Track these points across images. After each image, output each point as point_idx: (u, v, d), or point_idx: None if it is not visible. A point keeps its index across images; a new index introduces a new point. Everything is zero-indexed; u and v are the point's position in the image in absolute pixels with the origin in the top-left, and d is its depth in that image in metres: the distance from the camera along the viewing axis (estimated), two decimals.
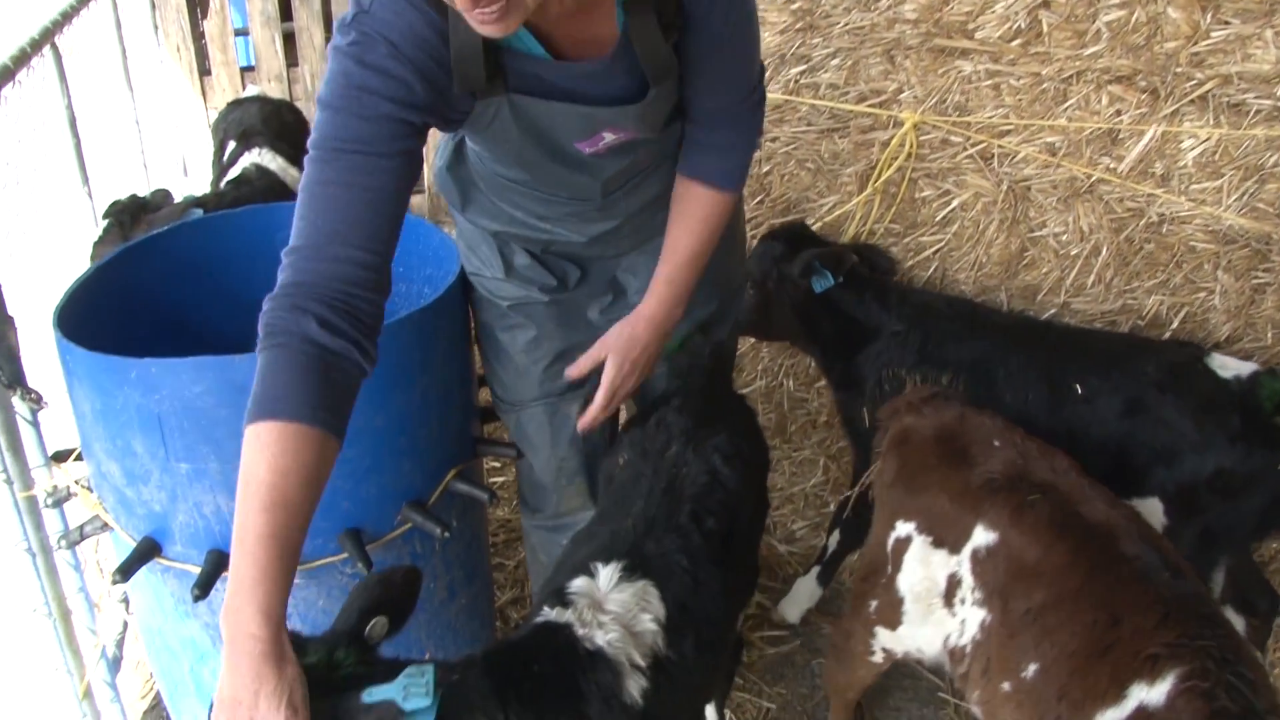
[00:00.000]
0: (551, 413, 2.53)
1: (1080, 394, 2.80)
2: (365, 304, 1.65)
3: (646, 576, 1.97)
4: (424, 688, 1.44)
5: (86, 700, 2.65)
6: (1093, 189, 3.06)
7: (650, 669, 1.86)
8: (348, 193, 1.65)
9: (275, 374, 1.56)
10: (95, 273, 2.43)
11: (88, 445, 2.27)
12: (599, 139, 2.00)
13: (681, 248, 2.17)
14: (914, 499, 2.41)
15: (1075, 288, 3.21)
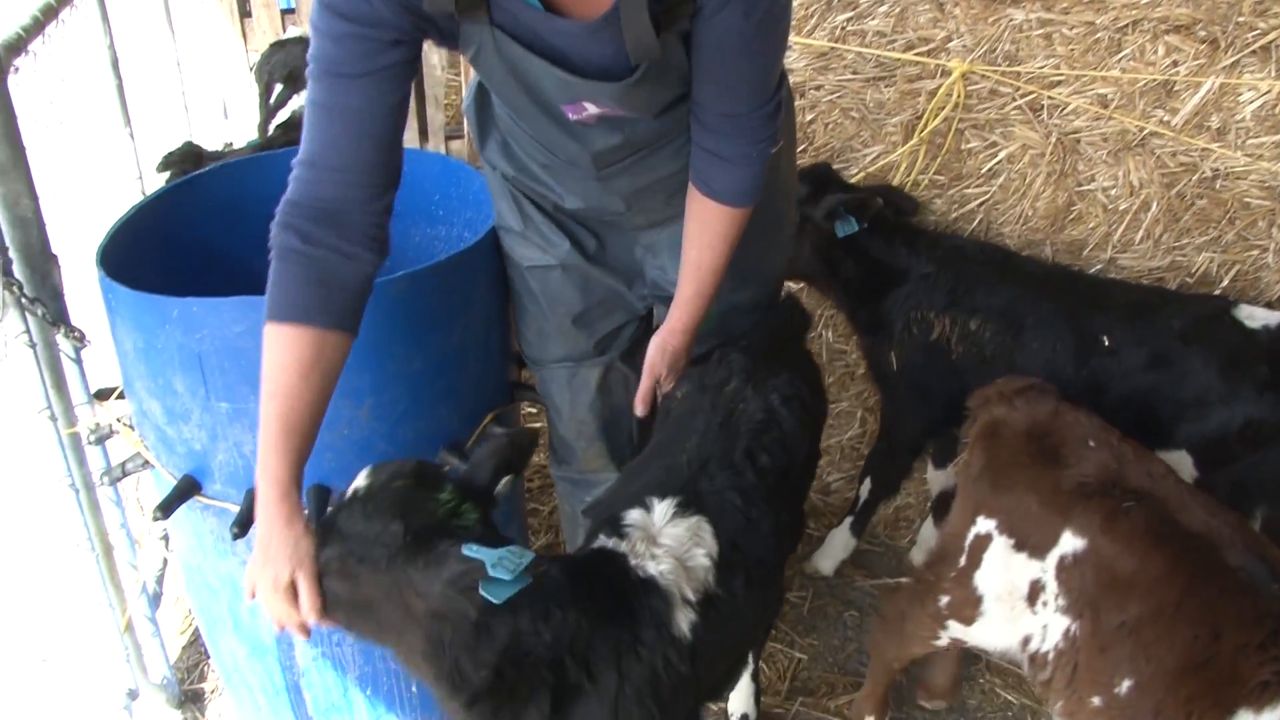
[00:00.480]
0: (570, 375, 2.53)
1: (1107, 345, 2.77)
2: (352, 212, 1.80)
3: (701, 513, 2.00)
4: (515, 567, 1.56)
5: (128, 634, 2.70)
6: (1144, 142, 2.99)
7: (700, 604, 1.90)
8: (326, 115, 1.77)
9: (273, 283, 1.78)
10: (138, 212, 2.44)
11: (129, 383, 2.29)
12: (581, 107, 1.95)
13: (705, 265, 2.16)
14: (999, 496, 2.30)
15: (1123, 243, 3.15)
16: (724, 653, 2.03)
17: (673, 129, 2.10)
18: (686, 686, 1.91)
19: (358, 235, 1.81)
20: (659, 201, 2.25)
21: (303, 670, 2.57)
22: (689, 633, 1.87)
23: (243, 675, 2.68)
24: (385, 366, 2.11)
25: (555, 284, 2.38)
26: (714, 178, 2.06)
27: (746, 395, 2.22)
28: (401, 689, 2.63)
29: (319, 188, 1.79)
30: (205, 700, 3.00)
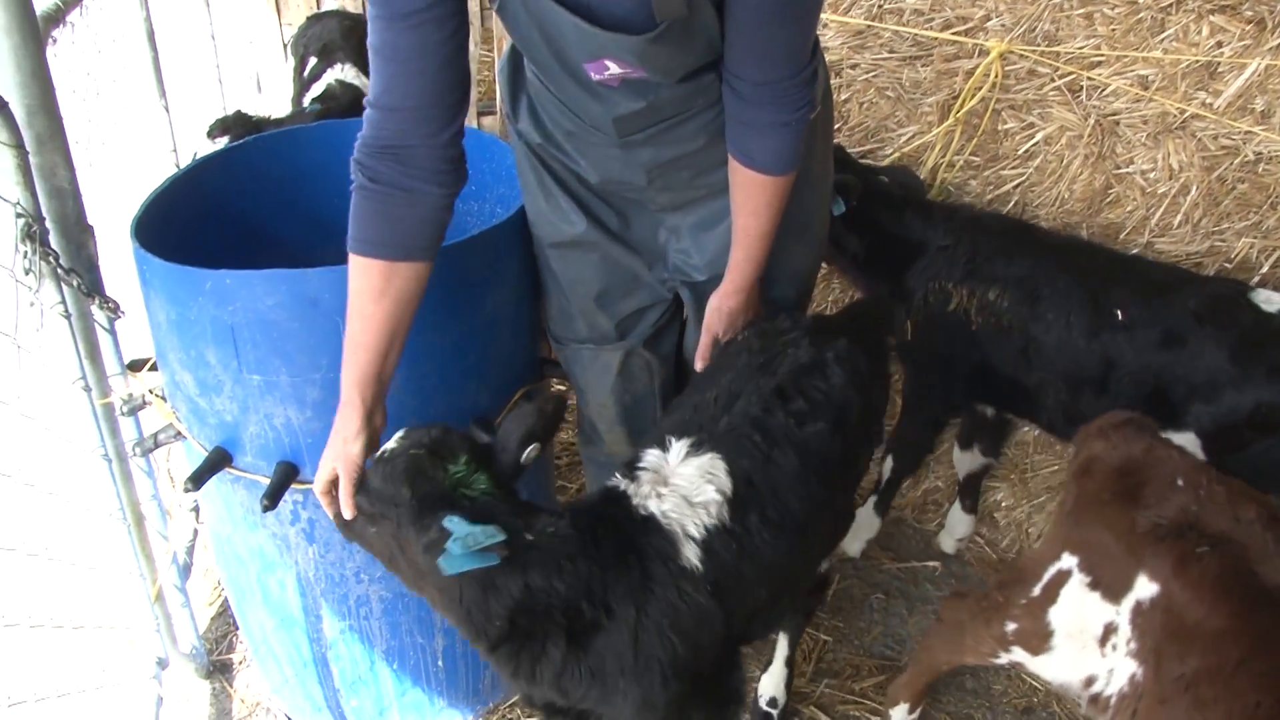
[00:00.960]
0: (592, 357, 2.52)
1: (1121, 320, 2.73)
2: (415, 149, 1.89)
3: (715, 450, 2.02)
4: (474, 544, 1.68)
5: (158, 604, 2.72)
6: (1185, 125, 2.94)
7: (709, 539, 1.94)
8: (382, 57, 1.85)
9: (351, 217, 1.92)
10: (172, 184, 2.45)
11: (163, 355, 2.30)
12: (603, 65, 1.93)
13: (752, 230, 2.16)
14: (1081, 533, 2.22)
15: (1161, 227, 3.11)
16: (748, 588, 2.03)
17: (698, 101, 2.08)
18: (710, 618, 1.96)
19: (422, 170, 1.90)
20: (683, 179, 2.23)
21: (330, 643, 2.59)
22: (699, 564, 1.93)
23: (270, 647, 2.70)
24: (416, 341, 2.11)
25: (575, 261, 2.37)
26: (752, 148, 2.04)
27: (800, 344, 2.21)
28: (427, 663, 2.65)
29: (382, 128, 1.88)
30: (233, 671, 3.02)
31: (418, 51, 1.83)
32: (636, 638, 1.90)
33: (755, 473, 2.03)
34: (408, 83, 1.85)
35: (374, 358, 1.92)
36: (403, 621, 2.55)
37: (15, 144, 2.02)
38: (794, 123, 1.99)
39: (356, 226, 1.91)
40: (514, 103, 2.29)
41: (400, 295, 1.92)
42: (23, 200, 2.06)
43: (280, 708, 2.90)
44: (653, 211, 2.31)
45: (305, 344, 2.07)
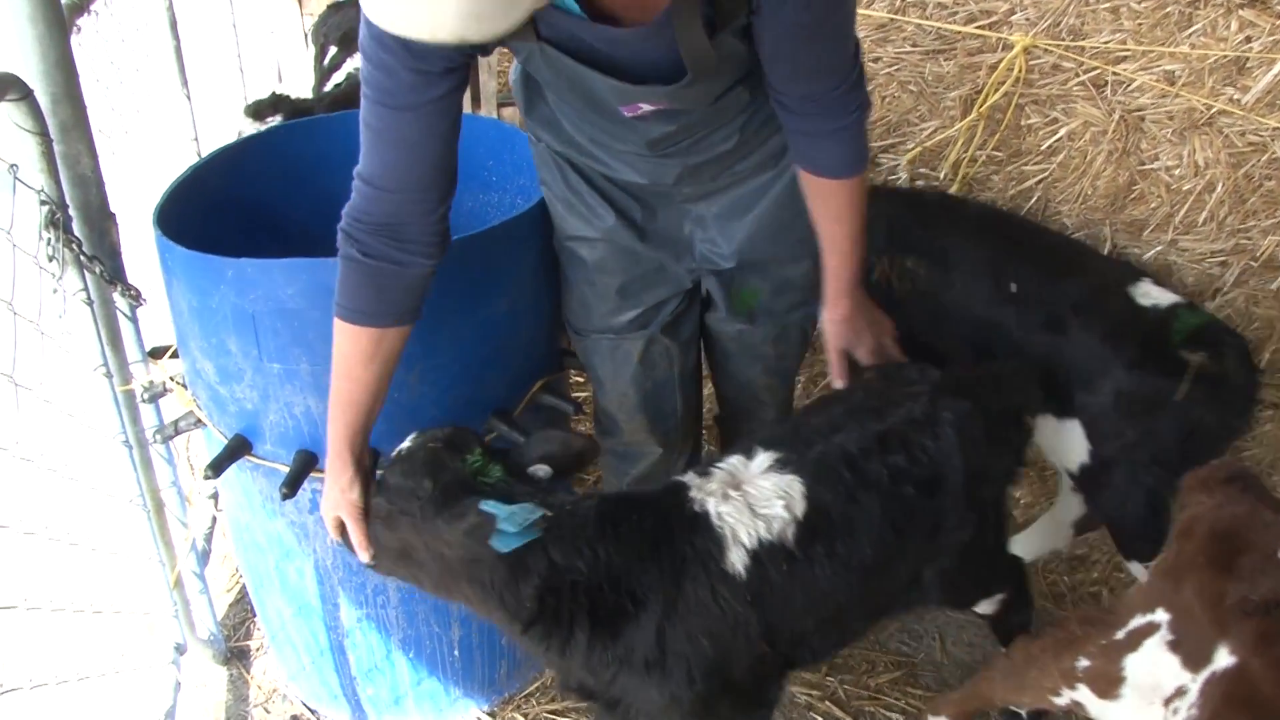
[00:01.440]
0: (613, 347, 2.51)
1: (1014, 292, 2.75)
2: (408, 227, 1.89)
3: (798, 473, 2.01)
4: (522, 522, 1.76)
5: (177, 590, 2.73)
6: (1212, 121, 2.92)
7: (761, 552, 1.93)
8: (379, 139, 1.84)
9: (338, 285, 1.92)
10: (195, 173, 2.46)
11: (184, 342, 2.31)
12: (636, 107, 1.95)
13: (838, 236, 2.17)
14: (1175, 593, 2.11)
15: (1185, 224, 3.08)
16: (796, 613, 2.02)
17: (729, 112, 2.09)
18: (746, 627, 1.95)
19: (414, 245, 1.90)
20: (709, 174, 2.23)
21: (347, 630, 2.60)
22: (743, 572, 1.92)
23: (288, 634, 2.72)
24: (435, 332, 2.11)
25: (599, 256, 2.36)
26: (817, 157, 2.06)
27: (919, 398, 2.17)
28: (443, 652, 2.66)
29: (375, 204, 1.88)
30: (250, 657, 3.04)
31: (423, 139, 1.83)
32: (663, 632, 1.91)
33: (834, 507, 2.01)
34: (409, 169, 1.85)
35: (362, 414, 1.98)
36: (419, 610, 2.55)
37: (40, 132, 2.03)
38: (850, 125, 2.00)
39: (346, 297, 1.92)
40: (530, 109, 2.28)
41: (388, 356, 1.97)
42: (47, 188, 2.07)
43: (296, 694, 2.91)
44: (678, 202, 2.30)
45: (325, 333, 2.07)
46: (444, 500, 1.83)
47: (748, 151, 2.18)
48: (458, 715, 2.83)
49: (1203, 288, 3.07)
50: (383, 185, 1.86)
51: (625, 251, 2.34)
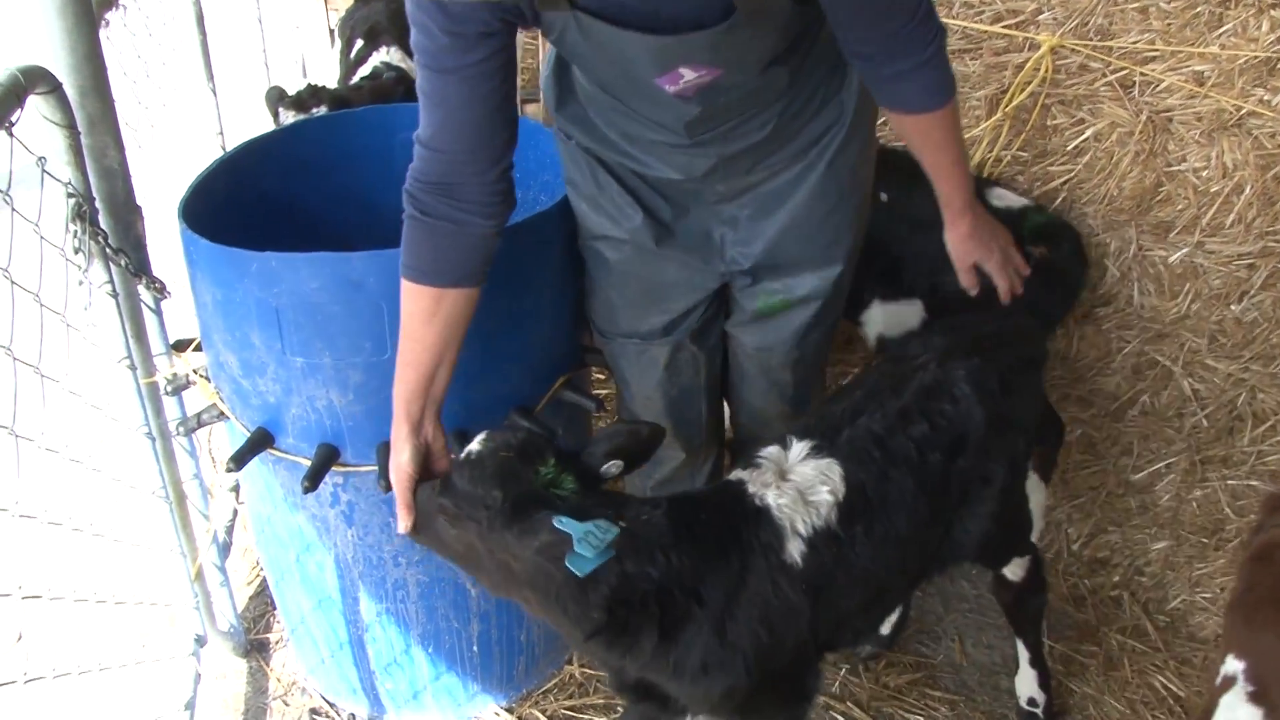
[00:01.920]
0: (639, 352, 2.50)
1: (885, 201, 2.87)
2: (465, 185, 1.93)
3: (833, 456, 2.04)
4: (600, 543, 1.69)
5: (197, 582, 2.75)
6: (1241, 123, 2.88)
7: (814, 538, 1.97)
8: (430, 102, 1.89)
9: (402, 244, 1.98)
10: (220, 166, 2.47)
11: (207, 335, 2.32)
12: (678, 76, 1.90)
13: (944, 162, 2.18)
14: (1251, 634, 1.91)
15: (1212, 226, 3.05)
16: (839, 594, 2.04)
17: (767, 96, 2.07)
18: (799, 616, 1.98)
19: (471, 204, 1.94)
20: (743, 167, 2.21)
21: (366, 625, 2.61)
22: (800, 561, 1.95)
23: (308, 627, 2.73)
24: None
25: (624, 258, 2.35)
26: (904, 96, 2.03)
27: (928, 367, 2.22)
28: (463, 648, 2.66)
29: (432, 165, 1.93)
30: (270, 650, 3.05)
31: (465, 102, 1.87)
32: (724, 627, 1.92)
33: (870, 485, 2.05)
34: (456, 129, 1.90)
35: (422, 375, 1.99)
36: (439, 605, 2.56)
37: (68, 125, 2.05)
38: (930, 57, 1.96)
39: (408, 254, 1.97)
40: (561, 106, 2.27)
41: (449, 318, 1.98)
42: (74, 180, 2.09)
43: (315, 688, 2.92)
44: (710, 203, 2.28)
45: (348, 327, 2.08)
46: (515, 514, 1.78)
47: (782, 142, 2.17)
48: (476, 710, 2.84)
49: (1229, 290, 3.03)
50: (435, 146, 1.91)
51: (651, 254, 2.32)
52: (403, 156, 2.72)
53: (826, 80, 2.17)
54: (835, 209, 2.26)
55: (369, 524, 2.40)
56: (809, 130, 2.19)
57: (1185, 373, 3.13)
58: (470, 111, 1.88)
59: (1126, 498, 3.34)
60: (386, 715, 2.83)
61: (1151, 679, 3.00)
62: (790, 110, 2.13)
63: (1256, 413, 3.07)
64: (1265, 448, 3.10)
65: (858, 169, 2.31)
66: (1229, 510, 3.16)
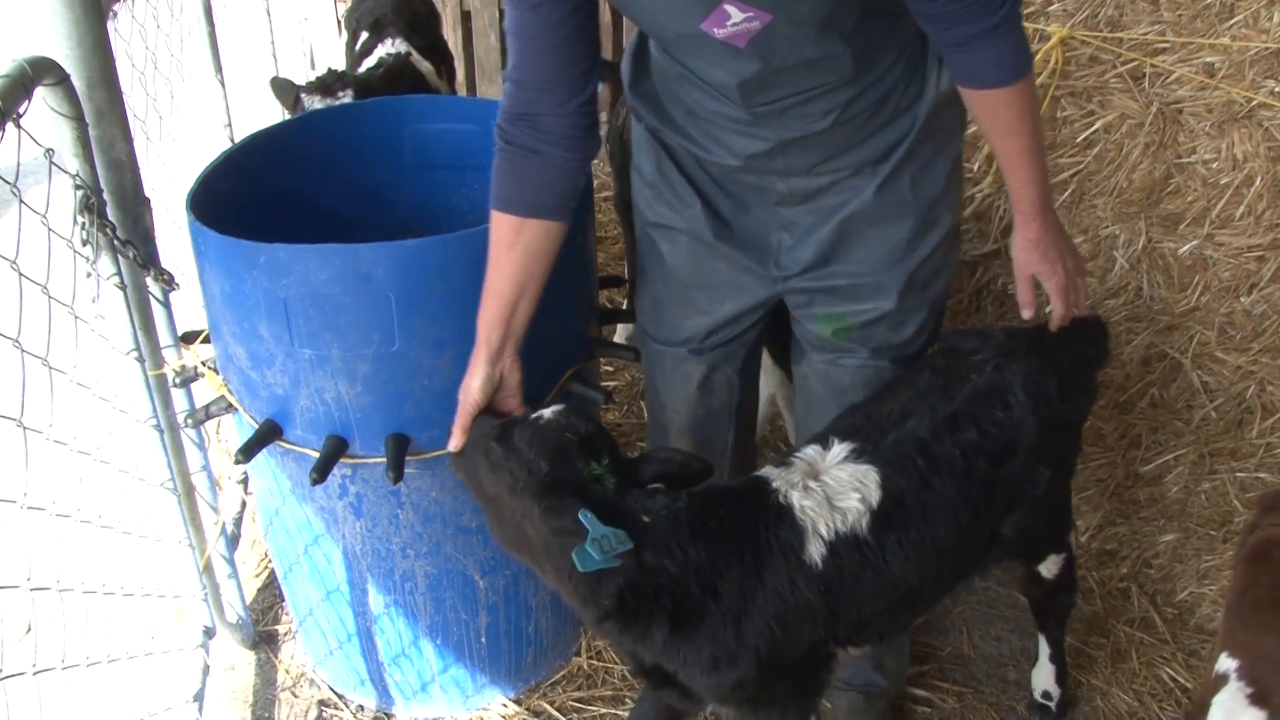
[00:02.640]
0: (675, 365, 2.49)
1: None
2: (544, 117, 2.00)
3: (873, 463, 2.02)
4: (609, 550, 1.72)
5: (206, 574, 2.75)
6: (1252, 114, 2.87)
7: (837, 543, 1.95)
8: (512, 36, 1.98)
9: (492, 175, 2.06)
10: (228, 158, 2.46)
11: (216, 327, 2.32)
12: (723, 14, 1.85)
13: (1014, 149, 2.04)
14: (1246, 633, 1.91)
15: (1222, 219, 3.04)
16: (864, 597, 2.03)
17: (826, 78, 1.99)
18: (815, 616, 1.98)
19: (551, 135, 2.01)
20: (806, 162, 2.14)
21: (375, 616, 2.61)
22: (819, 562, 1.94)
23: (316, 619, 2.73)
24: (467, 317, 2.11)
25: (679, 249, 2.34)
26: (972, 66, 1.93)
27: (983, 368, 2.16)
28: (470, 639, 2.67)
29: (515, 97, 2.01)
30: (278, 642, 3.06)
31: (538, 30, 1.93)
32: (739, 623, 1.92)
33: (909, 494, 2.02)
34: (532, 59, 1.97)
35: (503, 304, 2.05)
36: (447, 597, 2.56)
37: (76, 116, 2.04)
38: (1000, 24, 1.86)
39: (494, 184, 2.05)
40: (635, 83, 2.27)
41: (529, 249, 2.05)
42: (82, 172, 2.09)
43: (324, 679, 2.93)
44: (772, 204, 2.24)
45: (357, 319, 2.08)
46: (550, 489, 1.82)
47: (847, 144, 2.11)
48: (484, 702, 2.84)
49: (1239, 282, 3.02)
50: (516, 79, 1.99)
51: (705, 249, 2.31)
52: (411, 148, 2.75)
53: (901, 88, 2.10)
54: (893, 227, 2.18)
55: (377, 515, 2.40)
56: (878, 140, 2.13)
57: (1194, 365, 3.12)
58: (543, 39, 1.94)
59: (1135, 490, 3.33)
60: (395, 707, 2.84)
61: (1159, 670, 3.00)
62: (856, 107, 2.06)
63: (1266, 405, 3.06)
64: (1274, 440, 3.09)
65: (921, 186, 2.19)
66: (1237, 503, 3.16)
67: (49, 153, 1.99)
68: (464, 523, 2.44)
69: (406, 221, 2.78)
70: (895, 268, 2.23)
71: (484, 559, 2.52)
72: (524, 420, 1.94)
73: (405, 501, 2.37)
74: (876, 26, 1.96)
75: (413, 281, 2.06)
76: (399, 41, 3.74)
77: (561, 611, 2.84)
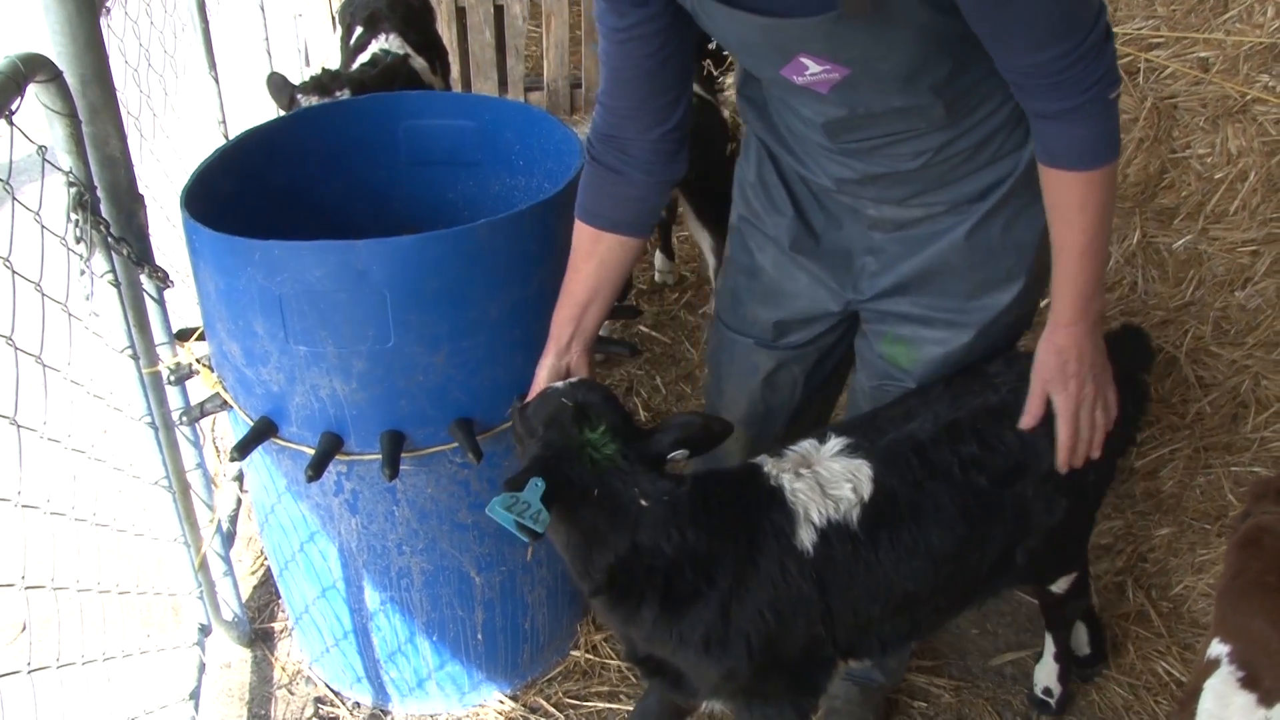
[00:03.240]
0: (744, 354, 2.48)
1: None
2: (629, 141, 2.08)
3: (867, 458, 2.04)
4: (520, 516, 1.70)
5: (202, 571, 2.75)
6: (1246, 109, 2.88)
7: (829, 530, 1.96)
8: (603, 60, 2.03)
9: (580, 184, 2.17)
10: (222, 155, 2.46)
11: (210, 325, 2.32)
12: (801, 66, 1.80)
13: (1066, 243, 1.90)
14: (1236, 618, 1.89)
15: (1216, 213, 3.05)
16: (859, 598, 2.02)
17: (917, 124, 1.93)
18: (807, 606, 1.98)
19: (634, 158, 2.08)
20: (898, 195, 2.10)
21: (370, 613, 2.61)
22: (810, 549, 1.95)
23: (312, 616, 2.73)
24: (463, 314, 2.11)
25: (762, 249, 2.34)
26: (1046, 141, 1.82)
27: (998, 387, 2.12)
28: (467, 636, 2.67)
29: (604, 119, 2.09)
30: (274, 639, 3.05)
31: (625, 63, 1.99)
32: (729, 609, 1.93)
33: (900, 494, 2.02)
34: (620, 88, 2.03)
35: (575, 306, 2.17)
36: (443, 594, 2.56)
37: (69, 113, 2.04)
38: (1083, 106, 1.72)
39: (580, 193, 2.15)
40: (743, 90, 2.27)
41: (604, 260, 2.15)
42: (75, 169, 2.08)
43: (320, 676, 2.93)
44: (865, 227, 2.20)
45: (352, 315, 2.08)
46: (537, 454, 1.87)
47: (942, 183, 2.04)
48: (480, 699, 2.84)
49: (1233, 277, 3.04)
50: (604, 102, 2.06)
51: (788, 258, 2.30)
52: (406, 145, 2.74)
53: (1005, 132, 1.99)
54: (979, 269, 2.12)
55: (373, 513, 2.40)
56: (975, 180, 2.04)
57: (1189, 360, 3.13)
58: (630, 71, 1.99)
59: (1130, 484, 3.34)
60: (391, 703, 2.84)
61: (1154, 664, 3.00)
62: (951, 150, 1.98)
63: (1260, 399, 3.07)
64: (1268, 434, 3.10)
65: (1014, 231, 2.09)
66: (1232, 497, 3.17)
67: (42, 150, 1.98)
68: (460, 519, 2.44)
69: (402, 218, 2.77)
70: (973, 308, 2.17)
71: (480, 555, 2.52)
72: (537, 395, 2.03)
73: (401, 498, 2.37)
74: (971, 77, 1.87)
75: (408, 278, 2.06)
76: (393, 38, 3.73)
77: (558, 607, 2.84)
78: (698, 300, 4.56)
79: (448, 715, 2.83)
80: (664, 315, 4.50)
